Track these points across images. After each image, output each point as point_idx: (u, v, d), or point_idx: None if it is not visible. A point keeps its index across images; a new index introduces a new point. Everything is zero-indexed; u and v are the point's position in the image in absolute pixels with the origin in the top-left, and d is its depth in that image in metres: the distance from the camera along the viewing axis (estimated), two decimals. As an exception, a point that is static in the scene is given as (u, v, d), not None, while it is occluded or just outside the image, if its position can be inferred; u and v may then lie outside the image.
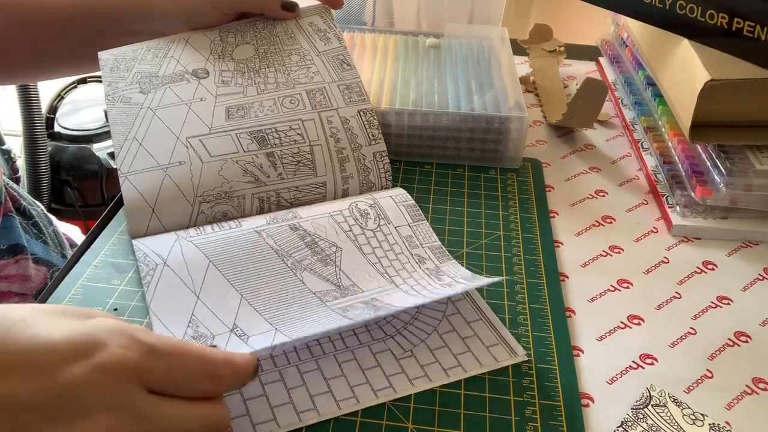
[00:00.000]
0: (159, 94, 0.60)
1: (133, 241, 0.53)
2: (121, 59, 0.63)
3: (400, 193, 0.58)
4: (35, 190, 1.43)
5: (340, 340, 0.47)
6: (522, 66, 0.84)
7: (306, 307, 0.47)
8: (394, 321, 0.48)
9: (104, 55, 0.63)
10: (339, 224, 0.54)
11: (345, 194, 0.58)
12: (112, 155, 1.47)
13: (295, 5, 0.66)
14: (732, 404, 0.45)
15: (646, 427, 0.42)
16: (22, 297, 0.63)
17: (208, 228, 0.54)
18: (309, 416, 0.42)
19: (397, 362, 0.45)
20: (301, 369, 0.45)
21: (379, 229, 0.54)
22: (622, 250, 0.57)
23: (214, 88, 0.61)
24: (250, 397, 0.43)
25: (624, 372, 0.46)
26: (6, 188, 0.65)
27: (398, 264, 0.52)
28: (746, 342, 0.49)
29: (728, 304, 0.53)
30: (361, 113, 0.61)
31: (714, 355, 0.48)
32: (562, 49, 0.85)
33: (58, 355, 0.32)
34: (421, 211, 0.56)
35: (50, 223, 0.71)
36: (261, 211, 0.56)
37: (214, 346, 0.41)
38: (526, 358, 0.46)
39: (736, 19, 0.57)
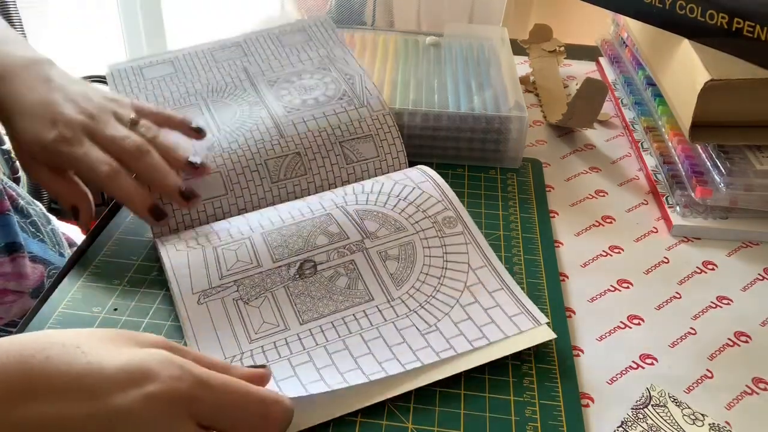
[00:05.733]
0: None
1: (157, 240, 0.53)
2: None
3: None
4: (35, 190, 1.43)
5: (365, 318, 0.47)
6: (522, 66, 0.84)
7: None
8: (416, 295, 0.48)
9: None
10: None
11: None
12: (112, 155, 1.47)
13: (197, 197, 0.53)
14: (732, 404, 0.45)
15: (646, 427, 0.42)
16: (18, 294, 0.63)
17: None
18: (338, 383, 0.42)
19: (422, 336, 0.46)
20: (329, 349, 0.45)
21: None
22: (622, 250, 0.57)
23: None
24: (281, 379, 0.43)
25: (624, 372, 0.46)
26: (4, 187, 0.65)
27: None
28: (746, 342, 0.49)
29: (728, 304, 0.53)
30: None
31: (714, 355, 0.48)
32: (562, 49, 0.85)
33: (110, 383, 0.33)
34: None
35: (48, 222, 0.71)
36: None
37: (263, 366, 0.41)
38: (548, 321, 0.47)
39: (736, 19, 0.57)
